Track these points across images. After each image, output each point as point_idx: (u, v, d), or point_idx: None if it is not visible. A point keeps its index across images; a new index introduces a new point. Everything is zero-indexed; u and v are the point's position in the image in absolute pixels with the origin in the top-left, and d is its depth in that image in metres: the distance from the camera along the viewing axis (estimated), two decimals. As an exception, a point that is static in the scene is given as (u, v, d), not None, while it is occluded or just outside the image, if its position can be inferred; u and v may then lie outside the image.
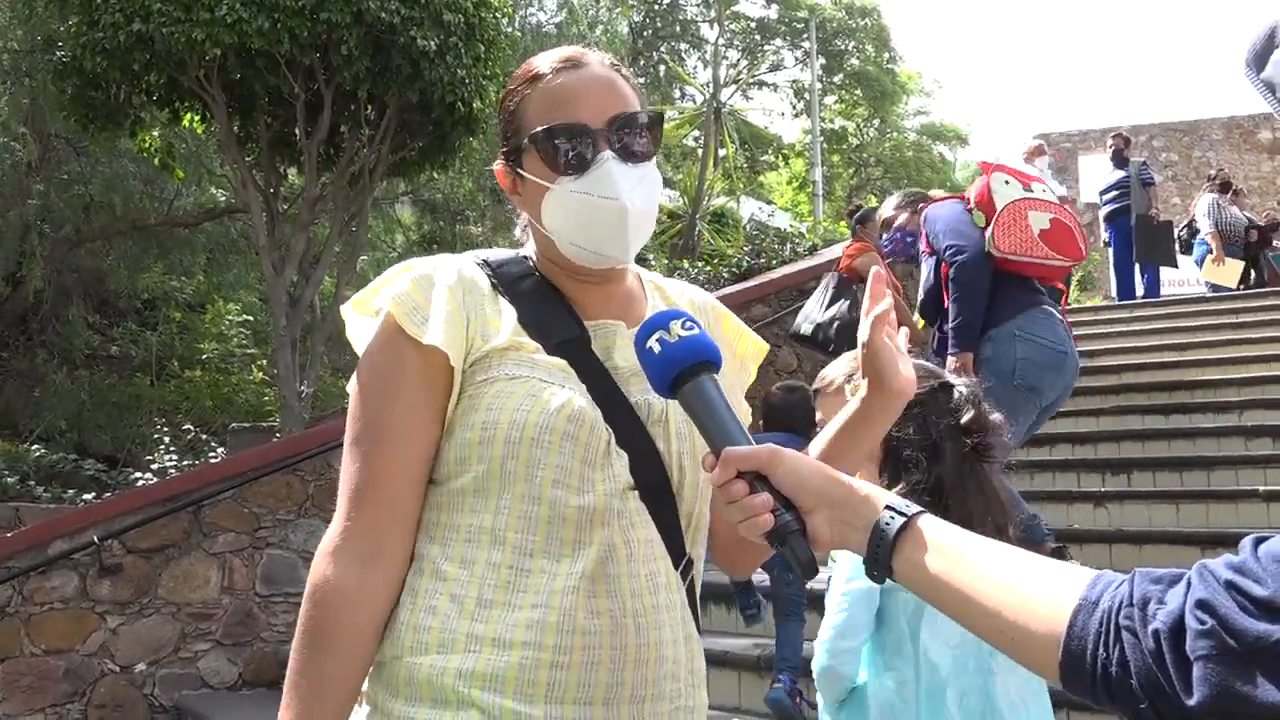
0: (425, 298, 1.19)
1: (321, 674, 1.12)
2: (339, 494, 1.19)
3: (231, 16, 6.99)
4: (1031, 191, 4.01)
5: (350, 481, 1.18)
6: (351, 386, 1.23)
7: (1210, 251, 10.44)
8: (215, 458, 8.05)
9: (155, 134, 9.42)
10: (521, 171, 1.25)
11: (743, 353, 1.42)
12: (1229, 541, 4.27)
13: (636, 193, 1.22)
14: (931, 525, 0.93)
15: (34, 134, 9.72)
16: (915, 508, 0.94)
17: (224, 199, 11.85)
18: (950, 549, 0.91)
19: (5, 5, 9.47)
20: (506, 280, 1.25)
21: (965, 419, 1.76)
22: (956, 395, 1.79)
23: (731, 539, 1.30)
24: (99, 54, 7.24)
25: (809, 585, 3.78)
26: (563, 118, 1.22)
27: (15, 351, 11.43)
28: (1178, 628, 0.73)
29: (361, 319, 1.26)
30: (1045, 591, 0.83)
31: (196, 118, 8.87)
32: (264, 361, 11.73)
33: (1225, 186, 11.06)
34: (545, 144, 1.22)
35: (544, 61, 1.27)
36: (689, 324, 1.08)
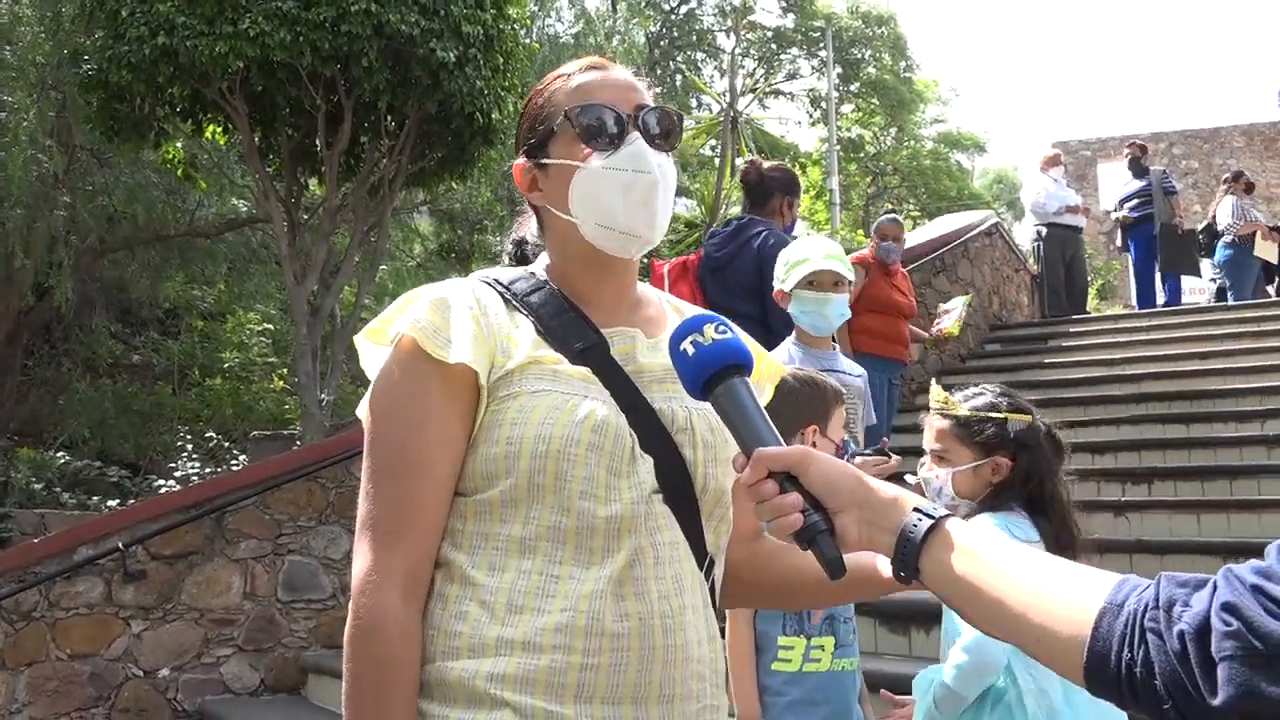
0: (444, 319, 1.20)
1: (392, 711, 1.12)
2: (364, 523, 1.17)
3: (254, 30, 7.07)
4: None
5: (380, 513, 1.16)
6: (364, 412, 1.22)
7: (1233, 243, 10.25)
8: (237, 465, 8.12)
9: (178, 145, 9.52)
10: (547, 160, 1.29)
11: (758, 375, 1.43)
12: (1251, 551, 4.19)
13: (663, 173, 1.27)
14: (958, 528, 0.95)
15: (60, 146, 9.83)
16: (942, 511, 0.96)
17: (245, 209, 11.94)
18: (976, 552, 0.92)
19: (33, 20, 9.60)
20: (519, 295, 1.27)
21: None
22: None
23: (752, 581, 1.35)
24: (124, 67, 7.32)
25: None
26: (596, 100, 1.27)
27: (40, 360, 11.55)
28: (1203, 629, 0.74)
29: (377, 348, 1.25)
30: (1070, 595, 0.85)
31: (219, 129, 8.97)
32: (284, 370, 11.81)
33: (1250, 188, 10.91)
34: (580, 120, 1.26)
35: (571, 65, 1.34)
36: (722, 328, 1.10)
